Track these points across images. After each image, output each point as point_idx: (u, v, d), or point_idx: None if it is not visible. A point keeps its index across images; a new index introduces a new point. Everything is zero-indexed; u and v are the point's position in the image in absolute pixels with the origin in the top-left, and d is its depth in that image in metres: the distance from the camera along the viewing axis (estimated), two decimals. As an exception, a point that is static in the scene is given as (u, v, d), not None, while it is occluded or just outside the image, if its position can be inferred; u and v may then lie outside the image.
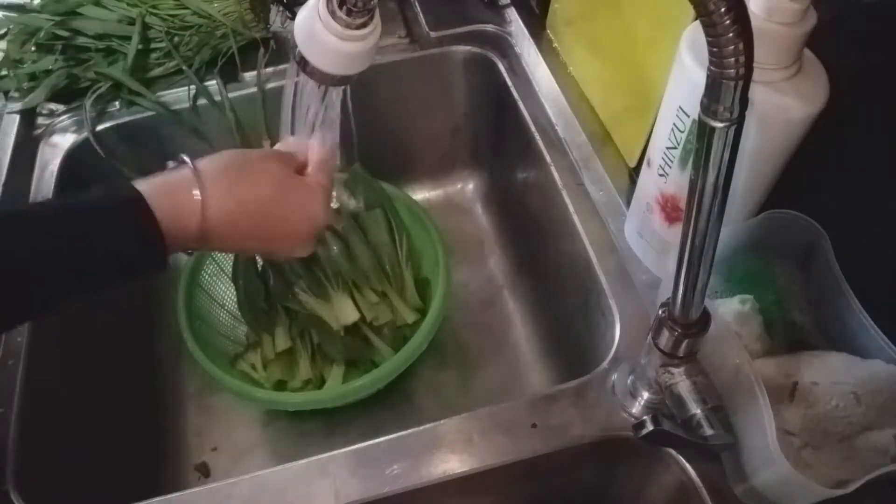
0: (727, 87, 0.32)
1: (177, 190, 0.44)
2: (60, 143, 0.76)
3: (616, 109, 0.70)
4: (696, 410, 0.45)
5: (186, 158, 0.46)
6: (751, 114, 0.39)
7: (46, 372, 0.62)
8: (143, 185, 0.43)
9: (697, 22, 0.45)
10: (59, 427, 0.62)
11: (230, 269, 0.81)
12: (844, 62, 0.45)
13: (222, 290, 0.81)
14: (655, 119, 0.54)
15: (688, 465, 0.51)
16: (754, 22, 0.31)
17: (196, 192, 0.44)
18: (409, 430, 0.53)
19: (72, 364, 0.67)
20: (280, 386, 0.75)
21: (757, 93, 0.43)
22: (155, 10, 0.79)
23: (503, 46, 0.83)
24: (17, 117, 0.77)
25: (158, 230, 0.42)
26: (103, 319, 0.75)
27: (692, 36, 0.48)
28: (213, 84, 0.79)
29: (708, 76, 0.32)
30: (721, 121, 0.33)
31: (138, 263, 0.43)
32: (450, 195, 0.97)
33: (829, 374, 0.46)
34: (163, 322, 0.81)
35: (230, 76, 0.80)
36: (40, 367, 0.61)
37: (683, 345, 0.44)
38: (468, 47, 0.83)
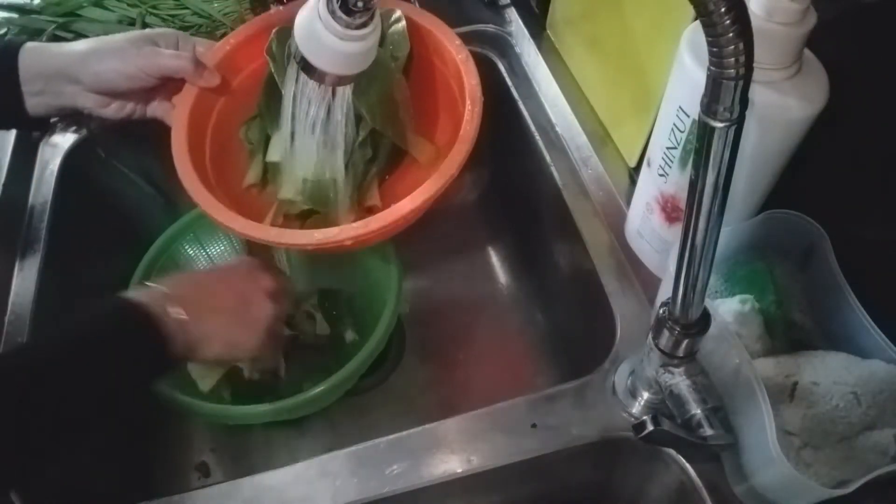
0: (727, 87, 0.32)
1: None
2: (60, 143, 0.76)
3: (616, 109, 0.70)
4: (696, 410, 0.45)
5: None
6: (751, 114, 0.39)
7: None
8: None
9: (697, 22, 0.46)
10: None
11: None
12: (844, 62, 0.45)
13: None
14: (655, 119, 0.54)
15: (688, 465, 0.51)
16: (754, 22, 0.31)
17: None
18: (409, 430, 0.53)
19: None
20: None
21: (757, 93, 0.43)
22: (155, 10, 0.79)
23: (503, 46, 0.83)
24: (17, 117, 0.77)
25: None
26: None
27: (692, 36, 0.48)
28: (213, 84, 0.79)
29: (708, 76, 0.32)
30: (721, 121, 0.33)
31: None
32: (449, 195, 0.97)
33: (829, 374, 0.46)
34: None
35: (230, 76, 0.80)
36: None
37: (683, 345, 0.44)
38: (468, 47, 0.83)
